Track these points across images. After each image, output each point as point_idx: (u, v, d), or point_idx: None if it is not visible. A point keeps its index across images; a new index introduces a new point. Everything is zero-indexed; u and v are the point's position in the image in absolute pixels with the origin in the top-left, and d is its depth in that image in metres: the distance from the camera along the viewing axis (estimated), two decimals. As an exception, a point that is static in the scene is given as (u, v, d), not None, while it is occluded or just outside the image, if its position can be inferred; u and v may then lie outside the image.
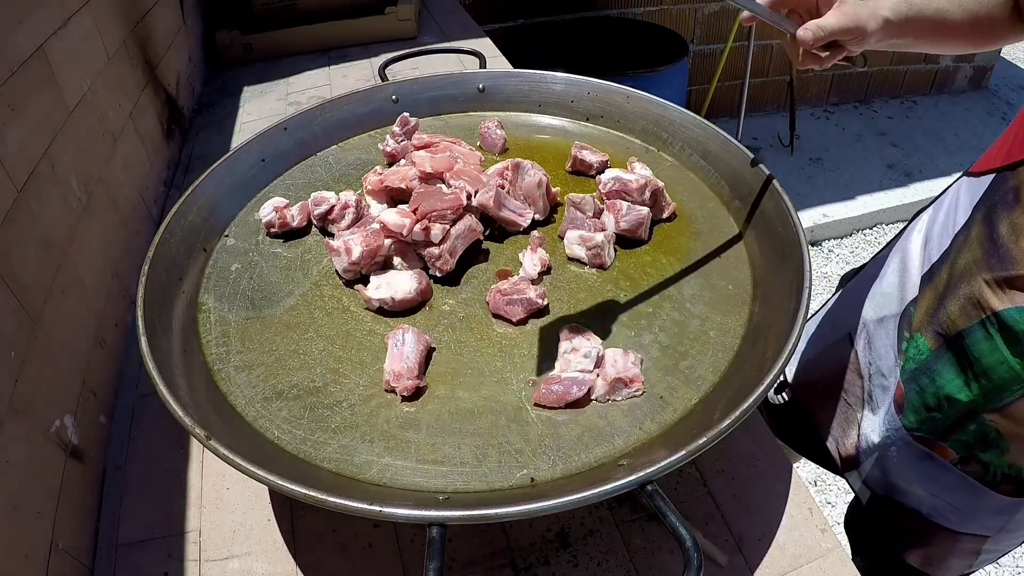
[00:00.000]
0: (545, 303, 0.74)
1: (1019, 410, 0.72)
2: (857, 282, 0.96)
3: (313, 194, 0.86)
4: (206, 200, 0.84)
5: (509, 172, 0.85)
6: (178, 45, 1.43)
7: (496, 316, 0.74)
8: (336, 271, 0.78)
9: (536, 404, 0.65)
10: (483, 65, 1.14)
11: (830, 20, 0.67)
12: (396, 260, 0.79)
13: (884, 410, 0.86)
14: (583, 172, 0.95)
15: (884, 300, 0.87)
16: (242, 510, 0.71)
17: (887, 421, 0.86)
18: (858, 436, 0.92)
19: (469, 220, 0.79)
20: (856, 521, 1.01)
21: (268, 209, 0.84)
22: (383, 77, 1.11)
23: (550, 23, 2.61)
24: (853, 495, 0.97)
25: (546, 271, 0.78)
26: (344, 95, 1.02)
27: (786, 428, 1.07)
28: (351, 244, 0.76)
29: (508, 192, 0.85)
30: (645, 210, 0.82)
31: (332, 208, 0.84)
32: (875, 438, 0.88)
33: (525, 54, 2.24)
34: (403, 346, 0.67)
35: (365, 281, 0.77)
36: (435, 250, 0.77)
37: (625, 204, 0.82)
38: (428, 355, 0.70)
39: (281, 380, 0.68)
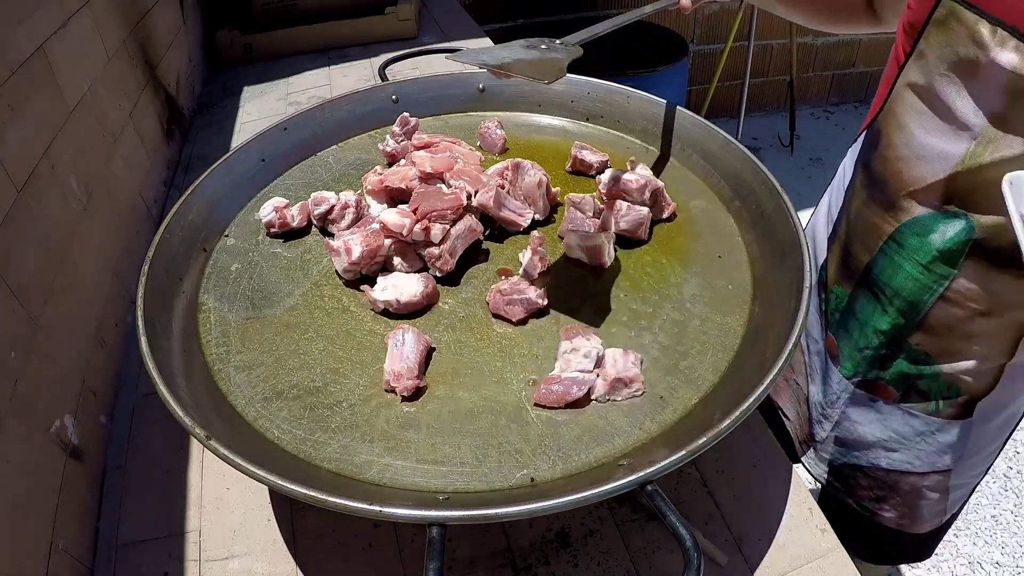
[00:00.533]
0: (545, 303, 0.74)
1: (937, 321, 0.78)
2: None
3: (313, 194, 0.86)
4: (206, 200, 0.84)
5: (509, 172, 0.85)
6: (178, 45, 1.43)
7: (496, 316, 0.74)
8: (336, 271, 0.78)
9: (536, 404, 0.65)
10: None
11: None
12: (396, 260, 0.79)
13: (821, 370, 0.92)
14: (583, 172, 0.95)
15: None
16: (242, 510, 0.71)
17: (828, 379, 0.91)
18: (808, 408, 0.97)
19: (469, 220, 0.79)
20: (824, 506, 1.03)
21: (268, 209, 0.84)
22: (383, 77, 1.11)
23: (550, 23, 2.61)
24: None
25: (546, 271, 0.78)
26: (344, 95, 1.02)
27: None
28: (351, 244, 0.76)
29: (508, 192, 0.85)
30: (645, 210, 0.82)
31: (332, 208, 0.84)
32: (821, 398, 0.93)
33: (525, 54, 2.24)
34: (403, 346, 0.67)
35: (367, 281, 0.77)
36: (435, 250, 0.77)
37: (625, 204, 0.82)
38: (428, 355, 0.70)
39: (281, 380, 0.68)
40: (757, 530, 0.66)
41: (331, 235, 0.84)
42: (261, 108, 1.45)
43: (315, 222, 0.86)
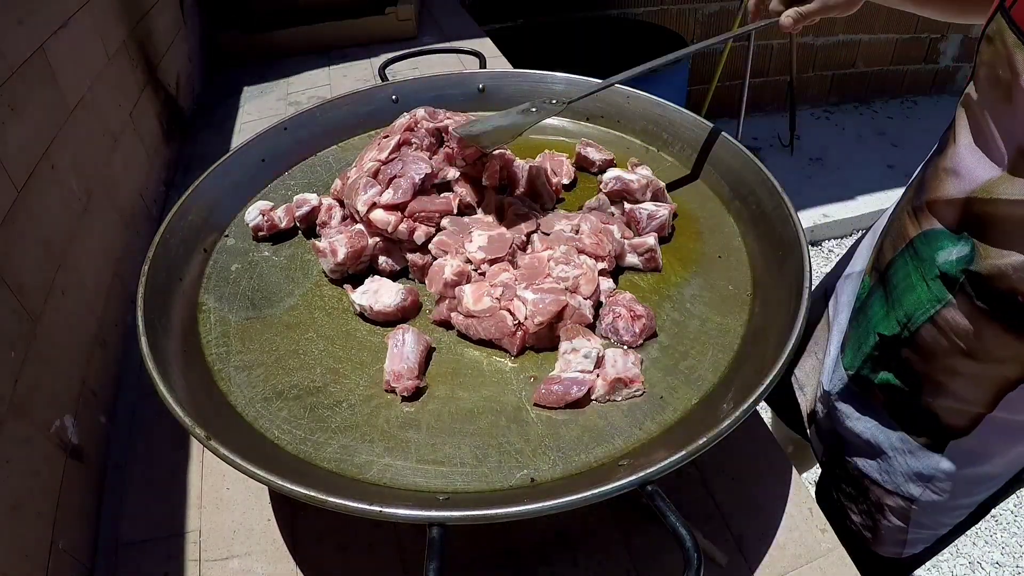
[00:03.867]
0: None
1: (925, 339, 0.76)
2: (848, 252, 1.01)
3: (296, 196, 0.85)
4: (206, 200, 0.84)
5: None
6: (178, 45, 1.43)
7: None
8: (323, 271, 0.78)
9: (536, 404, 0.65)
10: (483, 65, 1.14)
11: (810, 6, 0.83)
12: (382, 259, 0.78)
13: (834, 354, 0.91)
14: (585, 168, 0.95)
15: (858, 257, 0.93)
16: (242, 510, 0.71)
17: (833, 364, 0.90)
18: (817, 385, 0.96)
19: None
20: (819, 489, 1.03)
21: (254, 213, 0.83)
22: (383, 77, 1.11)
23: (550, 23, 2.61)
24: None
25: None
26: (344, 95, 1.02)
27: (774, 397, 1.10)
28: (336, 245, 0.76)
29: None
30: (662, 208, 0.82)
31: (315, 209, 0.84)
32: (825, 383, 0.92)
33: (525, 54, 2.24)
34: (403, 346, 0.67)
35: (354, 280, 0.77)
36: (419, 259, 0.76)
37: (644, 212, 0.81)
38: (428, 355, 0.70)
39: (281, 380, 0.68)
40: (757, 530, 0.66)
41: (317, 236, 0.84)
42: (261, 108, 1.45)
43: (299, 224, 0.85)
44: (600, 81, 0.87)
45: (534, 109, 0.84)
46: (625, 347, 0.70)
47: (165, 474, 0.75)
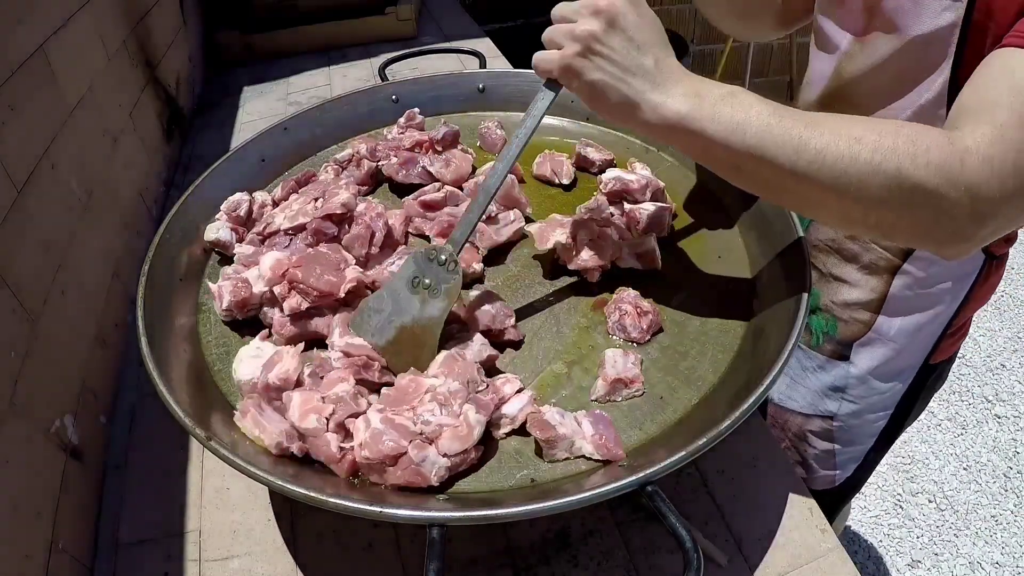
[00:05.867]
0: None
1: (814, 239, 0.84)
2: None
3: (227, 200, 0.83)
4: (206, 200, 0.84)
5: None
6: (178, 45, 1.43)
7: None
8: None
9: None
10: (483, 65, 1.14)
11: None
12: (265, 310, 0.72)
13: None
14: (585, 168, 0.95)
15: None
16: (242, 510, 0.71)
17: None
18: None
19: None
20: None
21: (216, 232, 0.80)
22: (383, 77, 1.11)
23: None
24: None
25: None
26: (344, 95, 1.02)
27: None
28: (223, 291, 0.71)
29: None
30: (654, 206, 0.81)
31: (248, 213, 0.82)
32: None
33: (525, 54, 2.24)
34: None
35: (252, 325, 0.72)
36: (279, 318, 0.69)
37: (643, 212, 0.81)
38: (428, 355, 0.69)
39: (281, 380, 0.67)
40: (757, 530, 0.66)
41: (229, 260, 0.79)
42: (261, 108, 1.45)
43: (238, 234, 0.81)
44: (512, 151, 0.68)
45: (427, 283, 0.65)
46: (634, 344, 0.70)
47: (165, 474, 0.75)
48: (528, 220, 0.84)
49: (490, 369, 0.66)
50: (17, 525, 0.59)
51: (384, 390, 0.63)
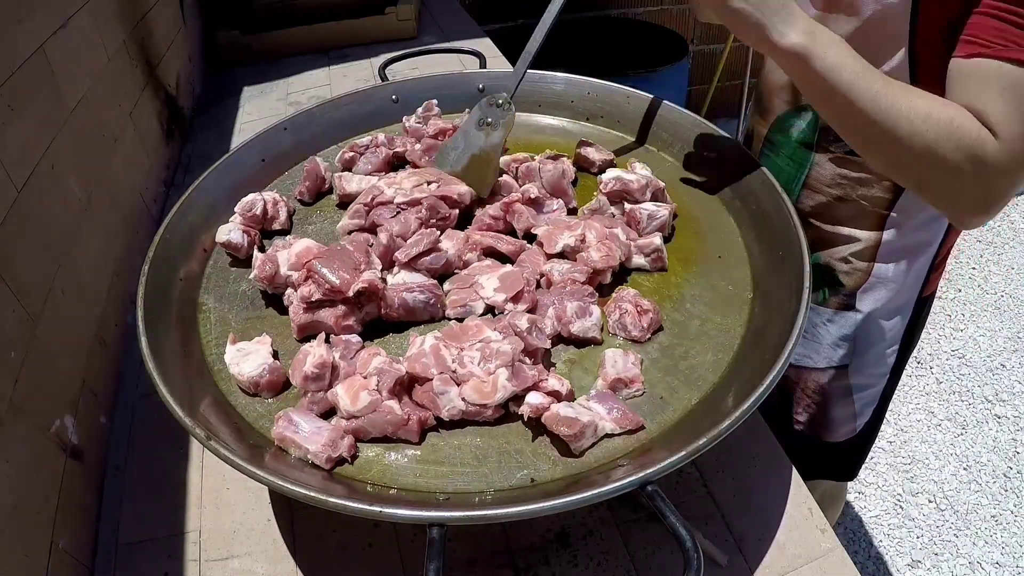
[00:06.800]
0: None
1: (807, 209, 0.91)
2: None
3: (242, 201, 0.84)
4: (206, 200, 0.84)
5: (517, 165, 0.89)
6: (178, 45, 1.43)
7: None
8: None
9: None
10: (483, 65, 1.14)
11: None
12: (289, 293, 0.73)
13: None
14: (585, 168, 0.95)
15: None
16: (242, 510, 0.71)
17: None
18: None
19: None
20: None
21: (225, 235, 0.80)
22: (383, 77, 1.11)
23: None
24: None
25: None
26: (344, 95, 1.02)
27: None
28: (257, 262, 0.73)
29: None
30: (661, 208, 0.82)
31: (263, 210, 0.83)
32: None
33: (525, 54, 2.24)
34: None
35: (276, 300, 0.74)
36: (295, 304, 0.69)
37: (644, 212, 0.81)
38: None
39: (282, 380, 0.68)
40: (757, 530, 0.66)
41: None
42: (261, 108, 1.45)
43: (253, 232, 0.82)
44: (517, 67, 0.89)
45: (489, 120, 0.86)
46: (634, 342, 0.70)
47: (165, 474, 0.75)
48: (571, 212, 0.86)
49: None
50: (17, 525, 0.59)
51: (452, 323, 0.69)
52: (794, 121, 0.89)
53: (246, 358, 0.66)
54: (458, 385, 0.61)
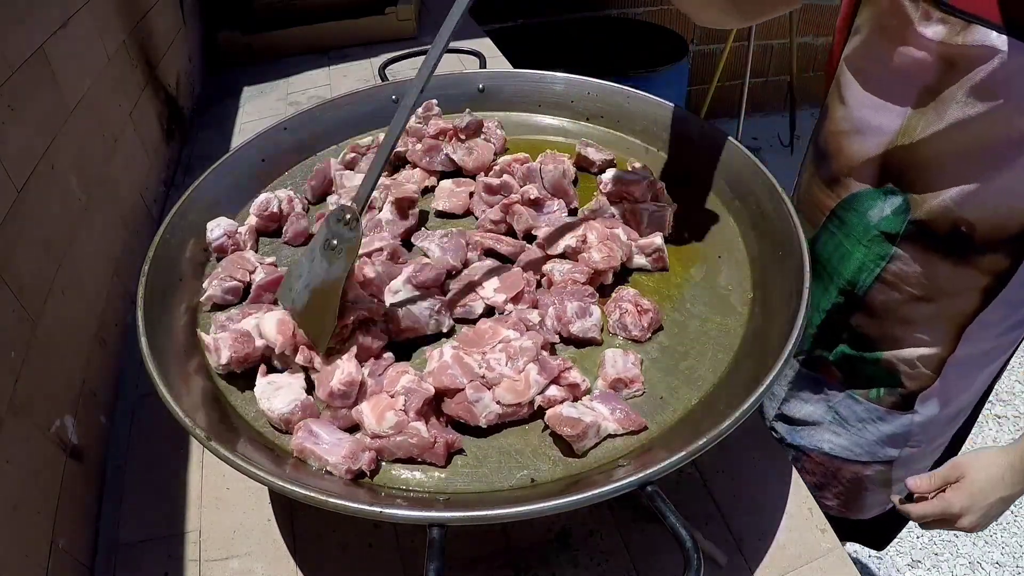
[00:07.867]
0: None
1: (876, 303, 0.78)
2: None
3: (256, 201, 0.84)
4: (206, 200, 0.84)
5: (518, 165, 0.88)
6: (178, 45, 1.43)
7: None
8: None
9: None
10: (483, 65, 1.14)
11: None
12: (276, 362, 0.67)
13: None
14: (585, 168, 0.95)
15: None
16: (242, 510, 0.71)
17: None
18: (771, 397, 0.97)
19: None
20: None
21: (218, 232, 0.79)
22: (383, 77, 1.11)
23: (550, 23, 2.61)
24: None
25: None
26: (344, 95, 1.02)
27: None
28: (220, 344, 0.65)
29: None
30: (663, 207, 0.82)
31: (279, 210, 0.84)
32: (776, 389, 0.94)
33: (525, 54, 2.24)
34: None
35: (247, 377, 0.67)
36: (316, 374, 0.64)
37: (645, 211, 0.81)
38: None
39: (281, 380, 0.67)
40: (757, 530, 0.66)
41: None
42: (261, 108, 1.45)
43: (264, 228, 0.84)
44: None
45: (335, 243, 0.63)
46: (634, 342, 0.70)
47: (165, 474, 0.75)
48: (572, 212, 0.86)
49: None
50: (17, 525, 0.59)
51: (464, 329, 0.68)
52: (877, 203, 0.74)
53: (277, 392, 0.62)
54: (489, 389, 0.61)
